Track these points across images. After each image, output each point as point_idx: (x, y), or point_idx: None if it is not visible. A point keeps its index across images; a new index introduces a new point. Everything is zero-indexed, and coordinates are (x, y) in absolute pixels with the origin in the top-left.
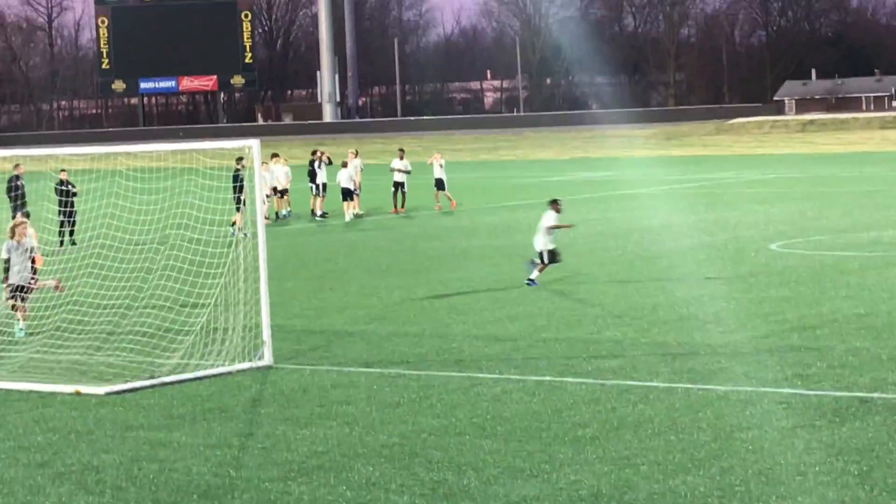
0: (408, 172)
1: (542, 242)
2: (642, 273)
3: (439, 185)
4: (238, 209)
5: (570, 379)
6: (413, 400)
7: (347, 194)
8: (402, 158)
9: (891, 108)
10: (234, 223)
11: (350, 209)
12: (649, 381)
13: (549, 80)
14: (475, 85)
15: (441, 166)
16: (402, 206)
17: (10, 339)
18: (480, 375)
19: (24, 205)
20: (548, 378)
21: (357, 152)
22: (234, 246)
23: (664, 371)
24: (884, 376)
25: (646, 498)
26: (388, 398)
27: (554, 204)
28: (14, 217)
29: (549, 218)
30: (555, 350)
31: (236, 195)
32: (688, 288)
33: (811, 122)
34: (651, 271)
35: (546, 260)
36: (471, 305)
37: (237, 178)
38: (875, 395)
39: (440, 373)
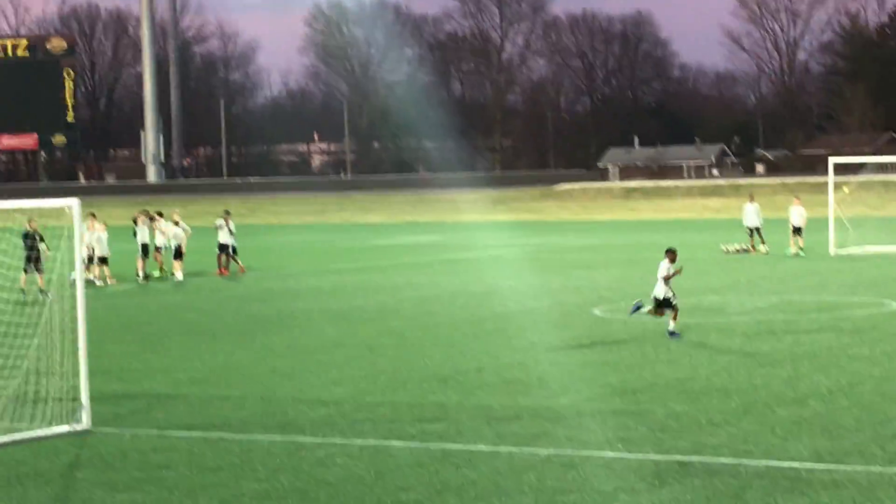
0: (232, 234)
1: (661, 290)
2: (468, 337)
3: (223, 248)
4: (26, 270)
5: (394, 442)
6: (235, 464)
7: (178, 254)
8: (227, 220)
9: (710, 176)
10: (22, 288)
11: (178, 269)
12: (473, 444)
13: (376, 144)
14: (303, 147)
15: (231, 232)
16: (227, 268)
17: None
18: (304, 439)
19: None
20: (372, 441)
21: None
22: (47, 306)
23: (488, 434)
24: (702, 440)
25: None
26: (209, 462)
27: (670, 253)
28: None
29: (663, 268)
30: (379, 413)
31: (28, 254)
32: (513, 352)
33: (634, 189)
34: (476, 335)
35: (661, 305)
36: (295, 369)
37: (27, 237)
38: (694, 458)
39: (263, 436)
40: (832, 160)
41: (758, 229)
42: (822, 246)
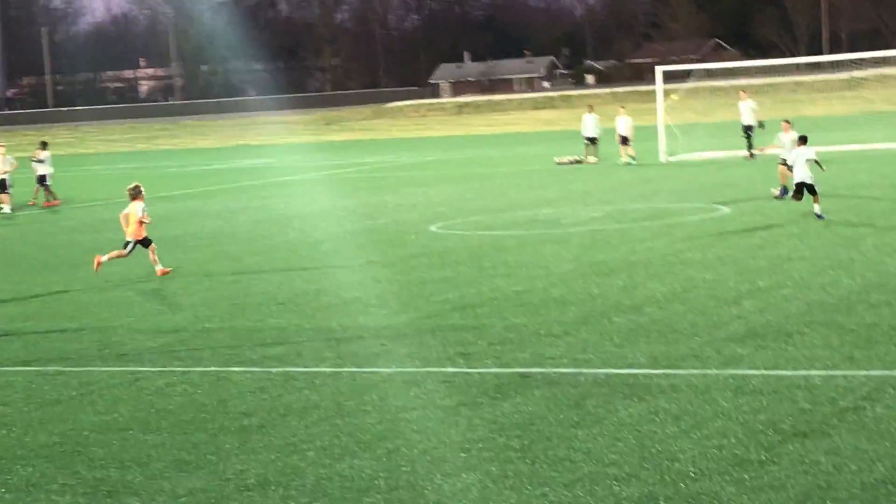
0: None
1: (801, 174)
2: (305, 259)
3: (41, 180)
4: None
5: (235, 368)
6: (73, 397)
7: (3, 187)
8: (44, 150)
9: (541, 89)
10: None
11: (6, 202)
12: (315, 366)
13: (204, 68)
14: (129, 74)
15: (41, 161)
16: (56, 199)
17: None
18: (143, 369)
19: None
20: (212, 368)
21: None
22: None
23: (329, 356)
24: (542, 351)
25: (313, 483)
26: (47, 396)
27: (804, 141)
28: None
29: (810, 151)
30: (219, 340)
31: None
32: (351, 272)
33: (466, 104)
34: (313, 257)
35: (812, 191)
36: (131, 298)
37: None
38: (534, 369)
39: (101, 368)
40: (659, 69)
41: (594, 139)
42: (653, 154)
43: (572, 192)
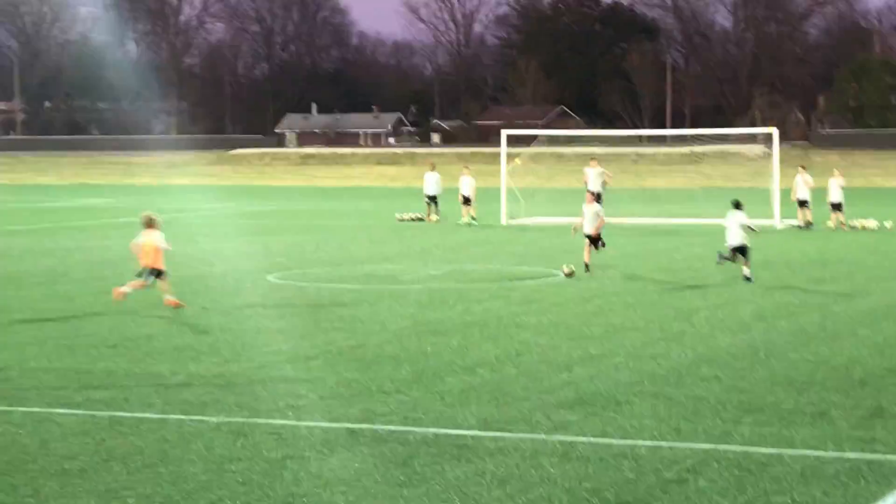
0: None
1: (735, 238)
2: (138, 303)
3: None
4: None
5: (59, 410)
6: None
7: None
8: None
9: (387, 145)
10: None
11: None
12: (142, 412)
13: (48, 104)
14: None
15: None
16: None
17: None
18: None
19: None
20: (36, 409)
21: None
22: None
23: (157, 402)
24: (372, 407)
25: None
26: None
27: (738, 206)
28: None
29: (743, 217)
30: (45, 380)
31: None
32: (184, 318)
33: (311, 155)
34: (147, 301)
35: (744, 253)
36: None
37: None
38: (363, 425)
39: None
40: (504, 132)
41: (434, 198)
42: (495, 216)
43: (412, 248)
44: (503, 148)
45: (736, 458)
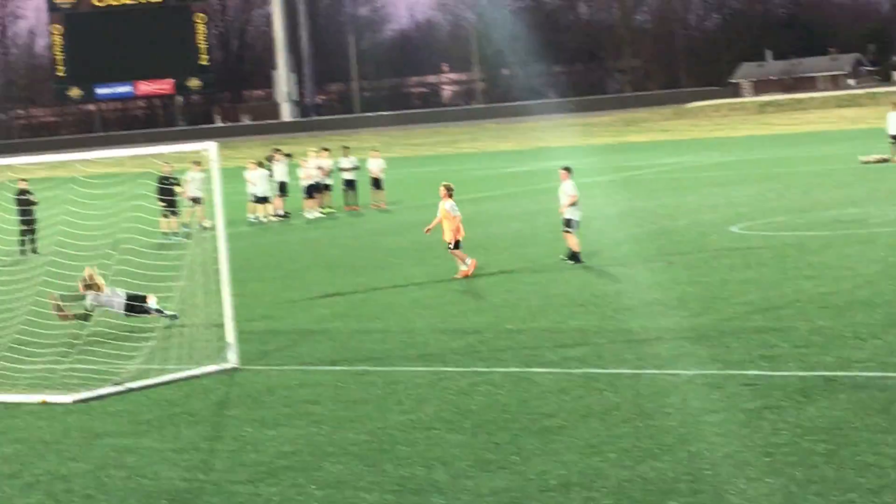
0: (356, 168)
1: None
2: (604, 261)
3: (376, 183)
4: (165, 215)
5: (536, 369)
6: (380, 396)
7: (314, 190)
8: (346, 156)
9: (846, 87)
10: (164, 231)
11: (314, 207)
12: (615, 368)
13: (505, 71)
14: (432, 79)
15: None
16: (356, 203)
17: None
18: (446, 369)
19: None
20: (514, 369)
21: (324, 149)
22: (186, 247)
23: (630, 358)
24: (847, 354)
25: (615, 485)
26: (354, 396)
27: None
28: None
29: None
30: (520, 341)
31: (166, 199)
32: (651, 273)
33: (768, 103)
34: (613, 258)
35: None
36: (435, 299)
37: (164, 182)
38: (840, 373)
39: (406, 368)
40: None
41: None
42: None
43: (878, 191)
44: None
45: None
